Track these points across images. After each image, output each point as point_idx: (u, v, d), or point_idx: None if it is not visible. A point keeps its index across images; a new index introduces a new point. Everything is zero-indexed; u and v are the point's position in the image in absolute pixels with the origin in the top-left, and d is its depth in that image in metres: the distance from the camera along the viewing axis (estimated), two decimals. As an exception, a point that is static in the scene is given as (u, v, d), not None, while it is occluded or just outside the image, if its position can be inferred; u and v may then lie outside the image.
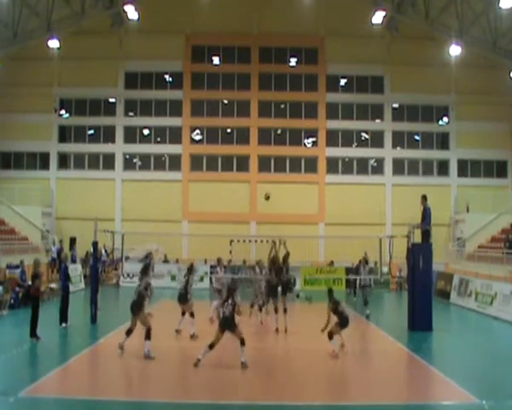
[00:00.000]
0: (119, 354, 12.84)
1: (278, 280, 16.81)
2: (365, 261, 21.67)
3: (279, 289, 16.96)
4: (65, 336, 16.31)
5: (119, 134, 36.56)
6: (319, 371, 12.82)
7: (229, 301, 11.96)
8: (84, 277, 28.76)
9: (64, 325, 17.17)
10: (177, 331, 15.49)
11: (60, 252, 28.15)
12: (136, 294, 12.89)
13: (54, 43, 31.68)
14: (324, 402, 9.99)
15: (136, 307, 12.74)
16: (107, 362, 13.25)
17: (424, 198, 18.12)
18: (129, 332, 12.92)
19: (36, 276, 15.23)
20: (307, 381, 11.71)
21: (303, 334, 16.29)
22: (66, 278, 17.65)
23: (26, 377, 10.90)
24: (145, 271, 13.31)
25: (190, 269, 15.91)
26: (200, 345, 12.61)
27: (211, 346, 11.83)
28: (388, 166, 36.58)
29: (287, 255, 17.19)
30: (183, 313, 15.49)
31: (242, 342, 11.94)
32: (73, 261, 29.08)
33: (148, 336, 12.53)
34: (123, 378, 11.22)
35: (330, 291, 13.87)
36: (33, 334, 14.64)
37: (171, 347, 14.44)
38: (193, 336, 14.88)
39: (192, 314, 15.18)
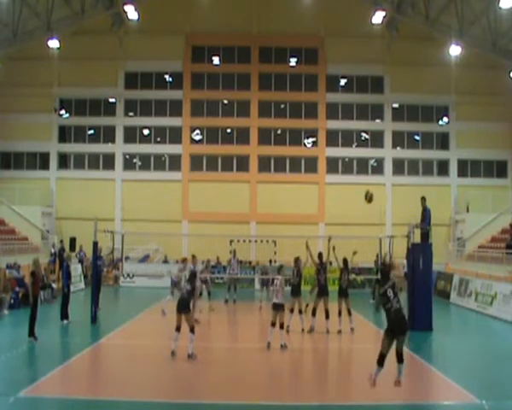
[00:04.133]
0: (171, 357, 12.63)
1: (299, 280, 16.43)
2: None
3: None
4: (65, 335, 16.33)
5: (119, 134, 36.52)
6: (319, 372, 12.84)
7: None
8: (85, 277, 28.77)
9: (65, 321, 17.34)
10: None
11: (61, 252, 28.14)
12: (185, 293, 12.88)
13: (54, 43, 31.61)
14: (324, 402, 9.99)
15: (186, 305, 12.70)
16: (107, 362, 13.26)
17: (424, 200, 18.20)
18: (178, 329, 12.74)
19: (34, 275, 15.21)
20: (307, 381, 11.73)
21: (302, 334, 16.26)
22: (68, 277, 18.00)
23: (26, 377, 10.90)
24: (194, 276, 13.55)
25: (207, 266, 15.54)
26: (198, 345, 12.56)
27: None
28: (388, 166, 36.54)
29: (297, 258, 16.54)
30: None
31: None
32: (81, 262, 29.15)
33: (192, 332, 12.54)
34: (123, 378, 11.20)
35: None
36: (32, 333, 14.64)
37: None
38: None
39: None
